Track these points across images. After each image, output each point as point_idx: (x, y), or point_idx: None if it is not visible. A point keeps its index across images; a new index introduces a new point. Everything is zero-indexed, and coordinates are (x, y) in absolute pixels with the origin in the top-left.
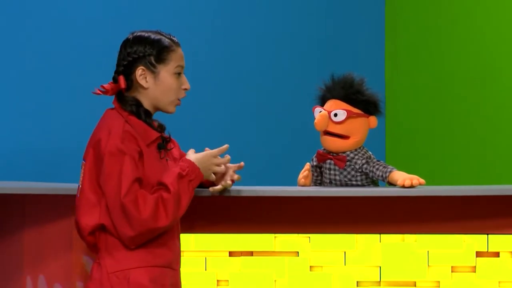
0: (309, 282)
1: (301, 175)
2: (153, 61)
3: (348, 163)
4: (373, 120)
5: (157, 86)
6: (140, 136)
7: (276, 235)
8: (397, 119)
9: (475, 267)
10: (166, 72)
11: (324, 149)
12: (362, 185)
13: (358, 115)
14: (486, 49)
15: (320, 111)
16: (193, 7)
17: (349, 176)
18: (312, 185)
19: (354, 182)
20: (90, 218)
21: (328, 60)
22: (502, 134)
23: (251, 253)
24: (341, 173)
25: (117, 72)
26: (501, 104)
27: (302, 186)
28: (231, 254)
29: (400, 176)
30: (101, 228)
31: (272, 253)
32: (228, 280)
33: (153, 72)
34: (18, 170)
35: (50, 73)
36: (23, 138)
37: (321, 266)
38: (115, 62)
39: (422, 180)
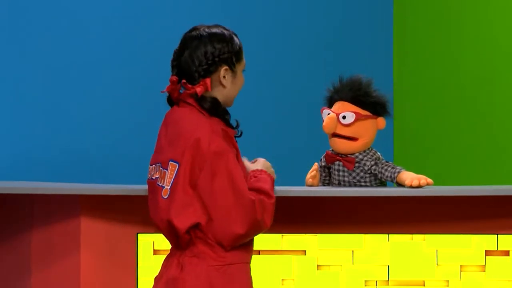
0: (316, 281)
1: (309, 175)
2: (234, 61)
3: (357, 164)
4: (381, 121)
5: (233, 84)
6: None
7: (283, 234)
8: (405, 119)
9: (484, 266)
10: (240, 70)
11: (333, 150)
12: (371, 186)
13: (366, 117)
14: (494, 50)
15: (329, 114)
16: (200, 7)
17: (358, 178)
18: (320, 185)
19: (363, 184)
20: (186, 217)
21: (336, 62)
22: (511, 134)
23: (258, 252)
24: (350, 174)
25: (197, 72)
26: (509, 104)
27: (310, 186)
28: None
29: (408, 176)
30: (196, 226)
31: (280, 252)
32: None
33: (233, 71)
34: (27, 171)
35: (62, 75)
36: (34, 139)
37: (329, 265)
38: (125, 64)
39: (430, 180)
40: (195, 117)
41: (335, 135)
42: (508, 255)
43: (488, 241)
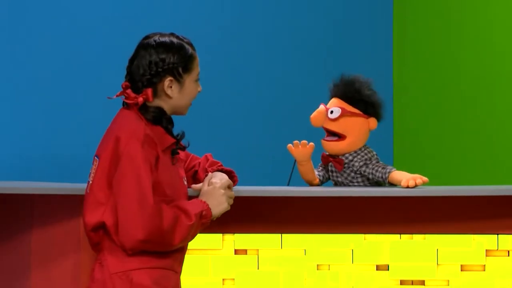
0: (316, 281)
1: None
2: (180, 71)
3: (346, 165)
4: (372, 122)
5: (181, 94)
6: (159, 140)
7: (283, 234)
8: (405, 120)
9: (484, 265)
10: (189, 80)
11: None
12: (364, 186)
13: (353, 114)
14: (494, 51)
15: (321, 108)
16: (200, 8)
17: (349, 178)
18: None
19: (355, 184)
20: (94, 215)
21: (336, 62)
22: (511, 134)
23: (257, 252)
24: (342, 175)
25: (141, 82)
26: (509, 104)
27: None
28: (236, 252)
29: (402, 176)
30: (104, 226)
31: (279, 251)
32: (234, 279)
33: (179, 82)
34: (27, 171)
35: (62, 75)
36: (34, 139)
37: (328, 265)
38: (125, 64)
39: (425, 178)
40: (126, 118)
41: (325, 131)
42: (509, 255)
43: (488, 241)
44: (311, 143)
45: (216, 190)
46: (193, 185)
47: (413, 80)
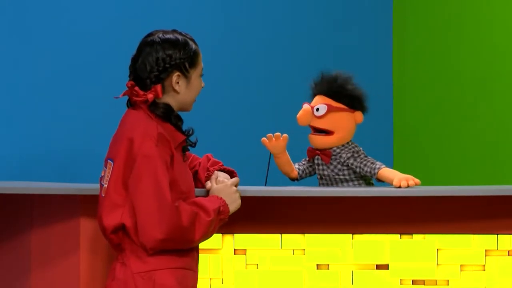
0: (315, 281)
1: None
2: (187, 66)
3: (333, 157)
4: (358, 115)
5: (188, 90)
6: (171, 138)
7: (282, 234)
8: (405, 119)
9: (484, 265)
10: (195, 76)
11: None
12: (350, 180)
13: (339, 109)
14: (494, 49)
15: (306, 107)
16: (200, 7)
17: (335, 170)
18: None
19: (341, 177)
20: (112, 218)
21: (336, 61)
22: (511, 134)
23: (256, 252)
24: (328, 167)
25: (149, 78)
26: (509, 104)
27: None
28: (236, 252)
29: (394, 175)
30: (123, 228)
31: (278, 251)
32: (233, 279)
33: (186, 77)
34: (27, 171)
35: (62, 75)
36: (34, 139)
37: (328, 265)
38: (127, 63)
39: (417, 180)
40: (136, 119)
41: (311, 128)
42: (509, 255)
43: (488, 241)
44: (285, 135)
45: (228, 188)
46: (206, 183)
47: (413, 80)
